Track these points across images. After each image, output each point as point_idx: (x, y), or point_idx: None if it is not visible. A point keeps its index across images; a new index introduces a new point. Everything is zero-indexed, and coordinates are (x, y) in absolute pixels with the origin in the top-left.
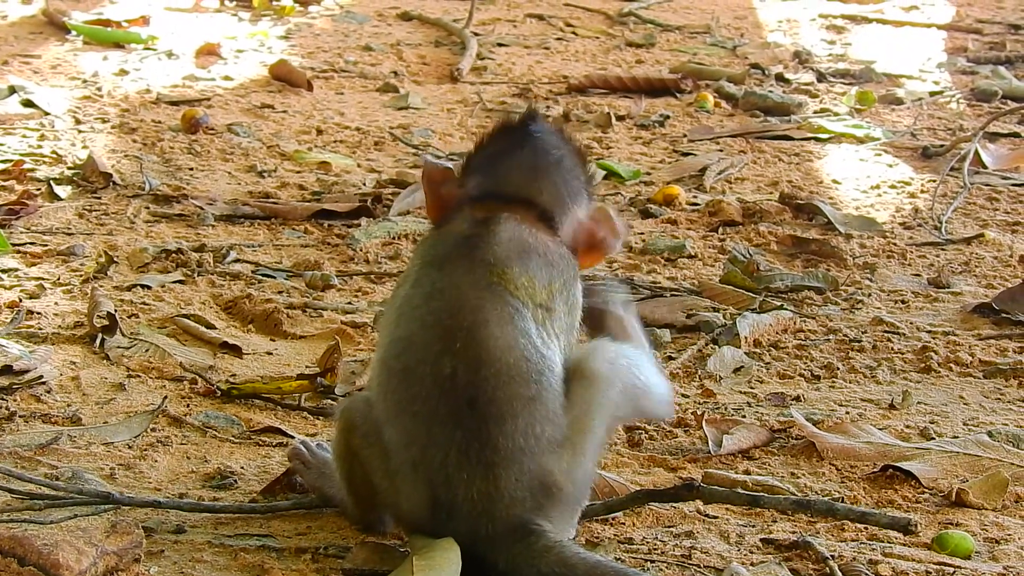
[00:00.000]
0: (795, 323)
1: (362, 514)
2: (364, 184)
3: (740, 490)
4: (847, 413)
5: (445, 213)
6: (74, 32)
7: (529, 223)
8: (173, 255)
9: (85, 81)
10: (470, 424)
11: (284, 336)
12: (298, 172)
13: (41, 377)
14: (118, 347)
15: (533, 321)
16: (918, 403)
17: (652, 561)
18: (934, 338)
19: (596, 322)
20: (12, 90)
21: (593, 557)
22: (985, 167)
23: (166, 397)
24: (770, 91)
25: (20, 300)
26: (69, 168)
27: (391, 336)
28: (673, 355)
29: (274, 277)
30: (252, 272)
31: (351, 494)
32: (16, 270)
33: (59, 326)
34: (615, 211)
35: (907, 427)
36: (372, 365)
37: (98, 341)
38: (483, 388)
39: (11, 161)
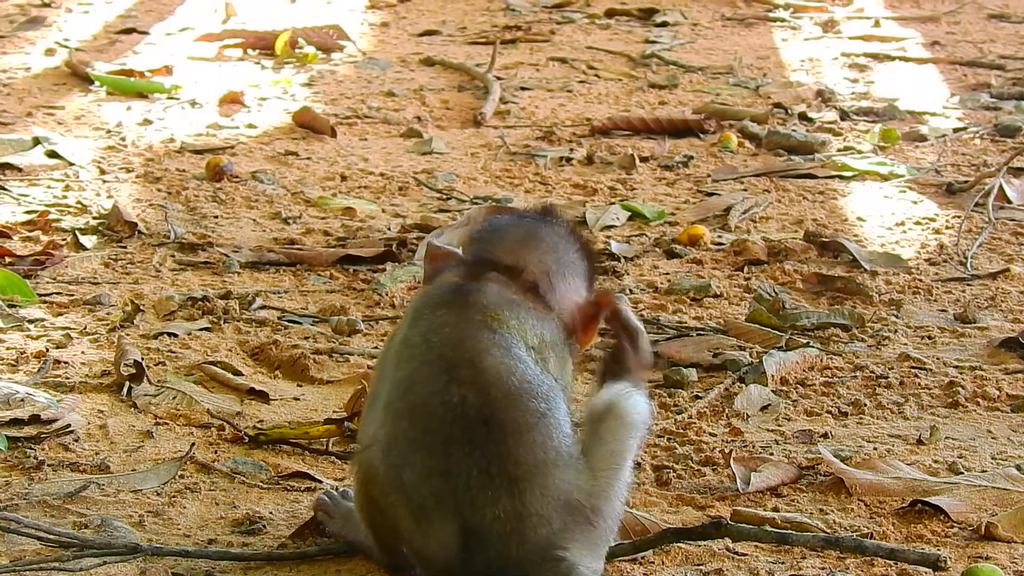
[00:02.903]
0: (822, 360)
1: (390, 559)
2: (389, 229)
3: (768, 528)
4: (875, 449)
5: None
6: (97, 83)
7: (515, 289)
8: (199, 303)
9: (109, 131)
10: (487, 442)
11: (311, 381)
12: (323, 218)
13: (69, 426)
14: (145, 395)
15: (528, 357)
16: (946, 438)
17: None
18: (961, 373)
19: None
20: (36, 141)
21: None
22: (1010, 202)
23: (194, 444)
24: (793, 130)
25: (47, 350)
26: (94, 218)
27: (392, 379)
28: (700, 394)
29: (300, 323)
30: (278, 318)
31: (377, 543)
32: (43, 320)
33: (86, 375)
34: (608, 292)
35: (935, 462)
36: (373, 414)
37: (125, 389)
38: (495, 408)
39: (36, 212)
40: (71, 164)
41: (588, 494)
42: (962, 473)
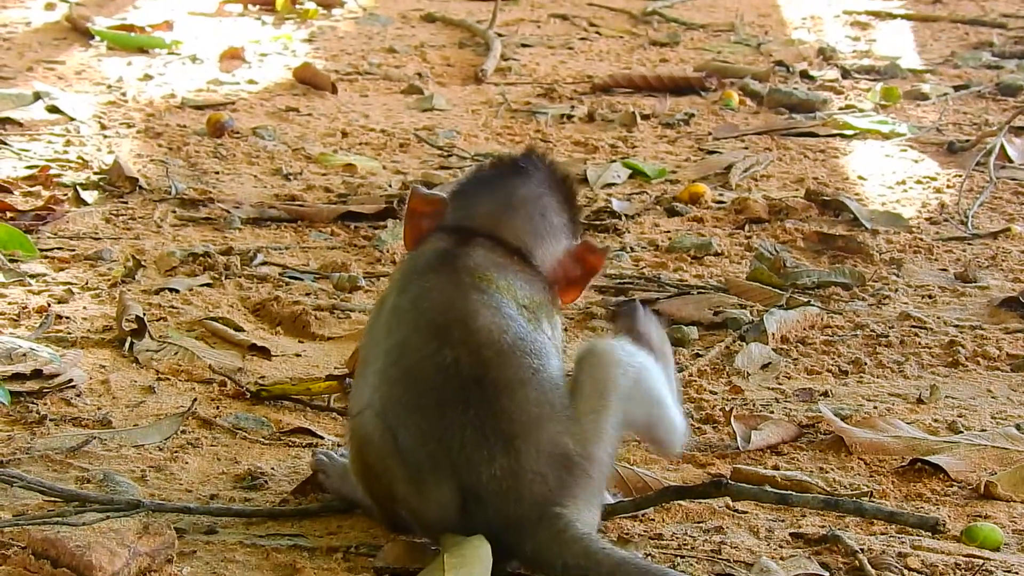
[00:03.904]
0: (822, 319)
1: (389, 519)
2: (390, 186)
3: (768, 487)
4: (875, 408)
5: (420, 242)
6: (98, 38)
7: (499, 254)
8: (200, 258)
9: (110, 86)
10: (481, 402)
11: (312, 338)
12: (324, 175)
13: (71, 381)
14: (147, 350)
15: (520, 316)
16: (946, 397)
17: (682, 556)
18: (961, 332)
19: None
20: (37, 96)
21: (619, 553)
22: (1011, 161)
23: (196, 399)
24: (795, 88)
25: (49, 305)
26: (95, 173)
27: (384, 346)
28: (701, 352)
29: (301, 279)
30: (279, 274)
31: (376, 506)
32: (44, 275)
33: (88, 330)
34: (596, 244)
35: (935, 421)
36: (363, 381)
37: (127, 345)
38: (488, 367)
39: (37, 167)
40: (72, 119)
41: (578, 440)
42: (962, 432)
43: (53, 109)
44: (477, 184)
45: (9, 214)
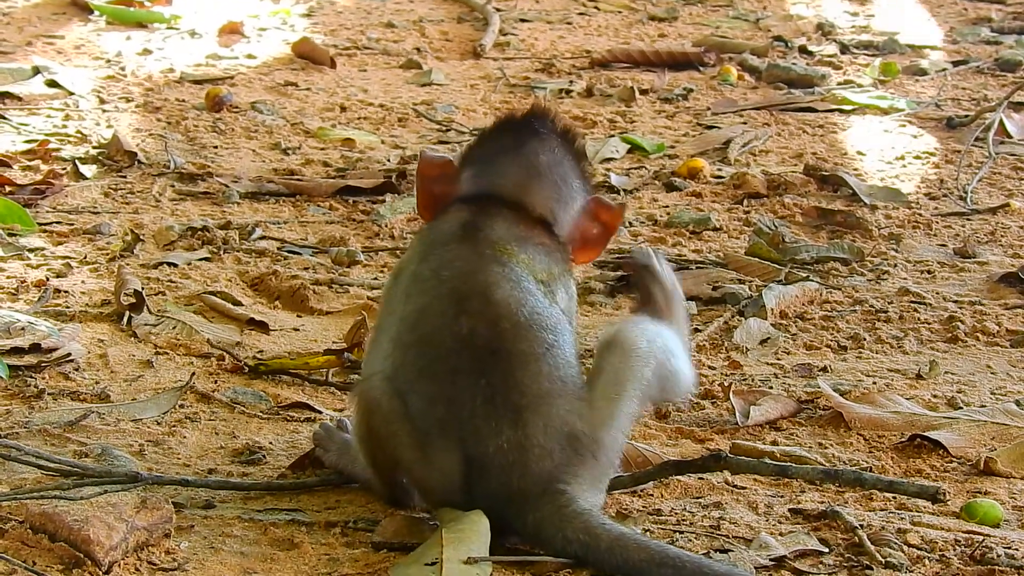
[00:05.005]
0: (821, 294)
1: (389, 491)
2: (388, 160)
3: (768, 460)
4: (874, 383)
5: (436, 211)
6: (97, 12)
7: (522, 224)
8: (199, 233)
9: (109, 61)
10: (494, 371)
11: (311, 312)
12: (322, 149)
13: (69, 355)
14: (145, 324)
15: (538, 290)
16: (945, 373)
17: (681, 532)
18: (960, 308)
19: (644, 292)
20: (36, 70)
21: (618, 528)
22: (1010, 137)
23: (194, 374)
24: (793, 63)
25: (47, 279)
26: (94, 147)
27: (400, 313)
28: (699, 327)
29: (300, 254)
30: (278, 249)
31: (377, 473)
32: (43, 249)
33: (86, 304)
34: (609, 201)
35: (934, 397)
36: (377, 348)
37: (125, 319)
38: (504, 339)
39: (36, 141)
40: (71, 93)
41: (589, 424)
42: (961, 408)
43: (52, 83)
44: (493, 149)
45: (8, 188)
